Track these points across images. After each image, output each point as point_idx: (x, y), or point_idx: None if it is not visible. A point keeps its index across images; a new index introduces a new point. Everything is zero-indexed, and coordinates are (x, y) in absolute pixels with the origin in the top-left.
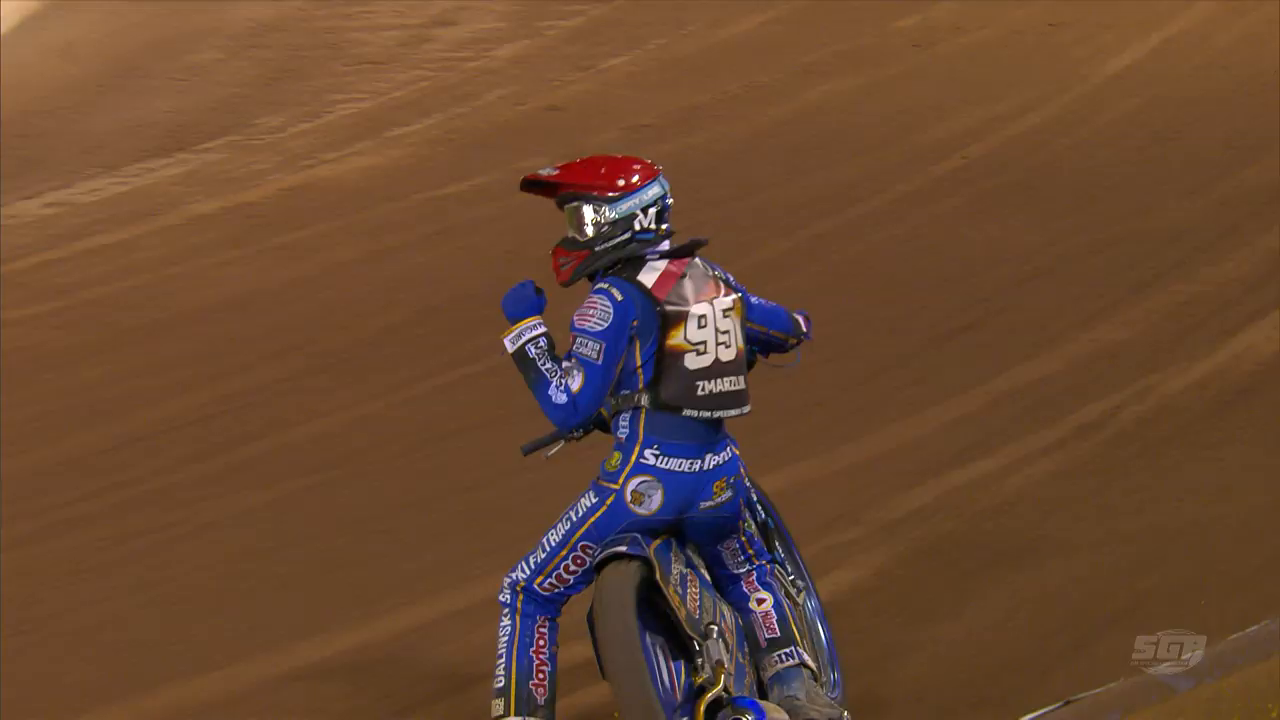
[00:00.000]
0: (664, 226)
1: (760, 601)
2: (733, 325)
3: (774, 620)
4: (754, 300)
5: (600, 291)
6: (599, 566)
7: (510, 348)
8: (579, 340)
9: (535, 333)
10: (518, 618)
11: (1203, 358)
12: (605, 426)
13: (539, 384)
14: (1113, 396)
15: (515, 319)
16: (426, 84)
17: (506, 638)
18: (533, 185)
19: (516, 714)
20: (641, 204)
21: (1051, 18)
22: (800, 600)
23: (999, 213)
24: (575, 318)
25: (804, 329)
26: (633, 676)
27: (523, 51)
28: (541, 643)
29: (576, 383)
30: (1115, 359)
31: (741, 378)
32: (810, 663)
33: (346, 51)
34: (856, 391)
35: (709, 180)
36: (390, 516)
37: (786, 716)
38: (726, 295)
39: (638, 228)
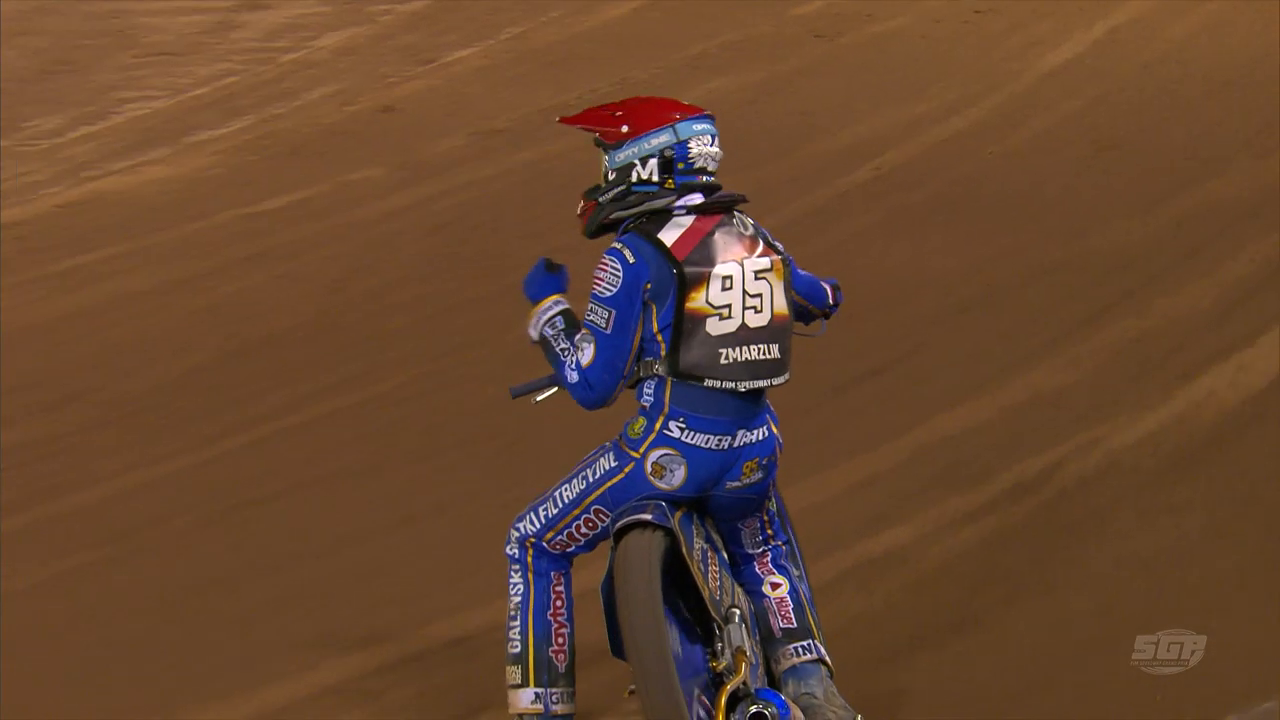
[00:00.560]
0: (704, 178)
1: (775, 586)
2: (767, 288)
3: (789, 609)
4: (799, 272)
5: (612, 252)
6: (620, 533)
7: (534, 336)
8: (590, 307)
9: (551, 313)
10: (530, 576)
11: (1157, 406)
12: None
13: (558, 366)
14: (1052, 451)
15: (534, 301)
16: (235, 80)
17: (520, 599)
18: (571, 123)
19: (536, 684)
20: (640, 153)
21: (978, 3)
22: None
23: (918, 233)
24: (592, 287)
25: (831, 300)
26: (655, 651)
27: (351, 41)
28: (559, 604)
29: (586, 356)
30: (1055, 407)
31: (776, 345)
32: (828, 659)
33: (137, 40)
34: None
35: (575, 195)
36: (186, 600)
37: (802, 715)
38: (763, 256)
39: (634, 179)
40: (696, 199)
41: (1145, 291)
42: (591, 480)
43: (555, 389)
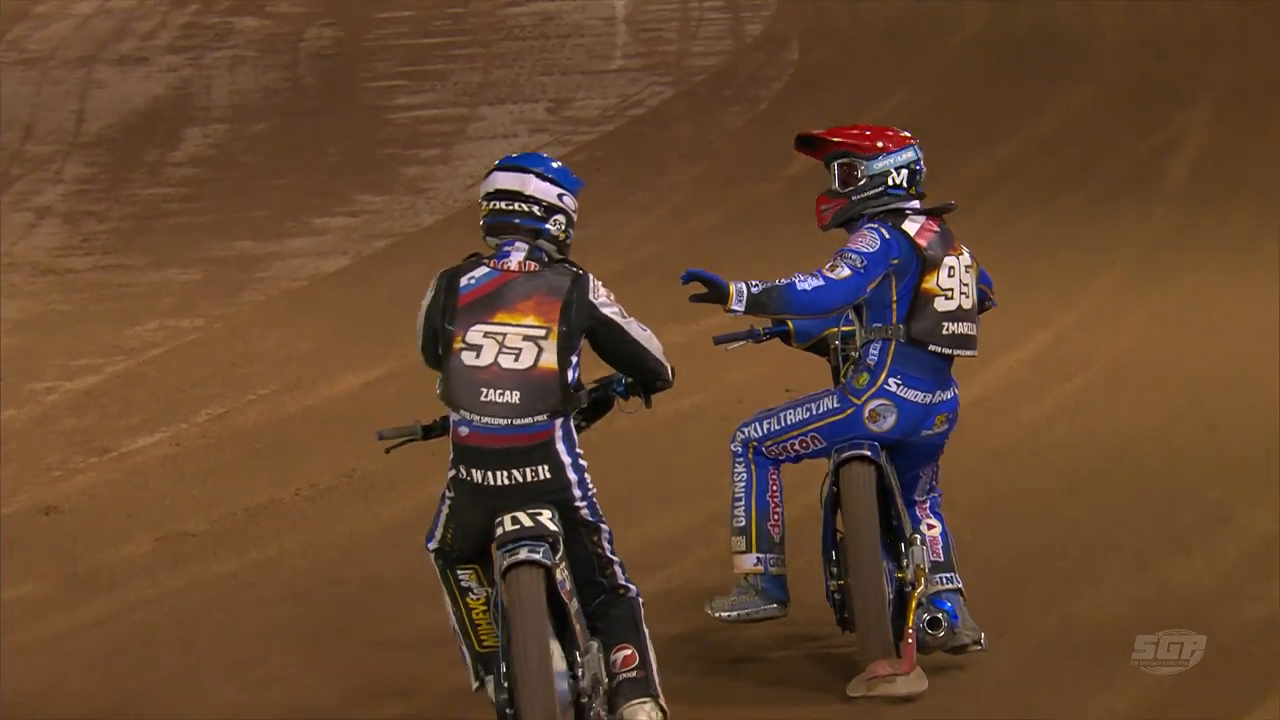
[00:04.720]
0: (915, 189)
1: (931, 527)
2: (971, 279)
3: (939, 546)
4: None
5: (871, 228)
6: (842, 462)
7: (740, 307)
8: (847, 254)
9: (747, 284)
10: (752, 468)
11: None
12: (821, 350)
13: (785, 291)
14: None
15: (720, 283)
16: None
17: (744, 484)
18: (805, 141)
19: (758, 550)
20: (895, 164)
21: (789, 381)
22: None
23: None
24: (847, 245)
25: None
26: (869, 551)
27: (5, 426)
28: (775, 489)
29: (841, 272)
30: None
31: (975, 324)
32: (963, 589)
33: None
34: None
35: (284, 610)
36: None
37: None
38: (968, 255)
39: (890, 183)
40: (916, 203)
41: None
42: (814, 413)
43: (745, 342)
